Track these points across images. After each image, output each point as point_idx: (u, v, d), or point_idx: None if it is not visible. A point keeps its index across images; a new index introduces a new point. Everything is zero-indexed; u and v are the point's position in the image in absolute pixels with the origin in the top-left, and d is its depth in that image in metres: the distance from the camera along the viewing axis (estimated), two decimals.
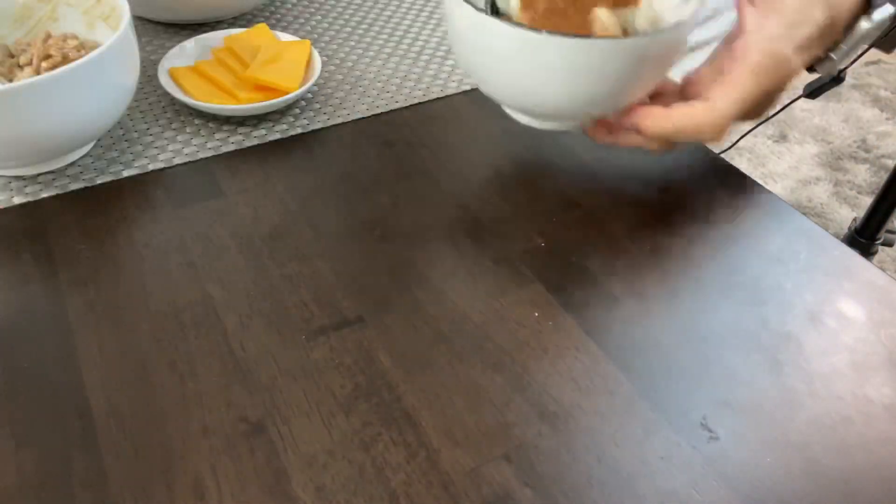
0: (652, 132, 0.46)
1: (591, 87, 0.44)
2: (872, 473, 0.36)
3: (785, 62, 0.45)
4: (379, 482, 0.35)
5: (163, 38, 0.68)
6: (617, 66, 0.43)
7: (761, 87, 0.45)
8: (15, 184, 0.51)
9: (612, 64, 0.43)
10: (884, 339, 0.42)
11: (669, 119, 0.45)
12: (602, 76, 0.43)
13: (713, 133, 0.45)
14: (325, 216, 0.49)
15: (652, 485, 0.35)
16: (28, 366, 0.39)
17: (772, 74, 0.45)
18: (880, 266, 0.48)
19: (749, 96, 0.44)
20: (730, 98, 0.44)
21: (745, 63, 0.44)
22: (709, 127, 0.45)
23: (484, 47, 0.45)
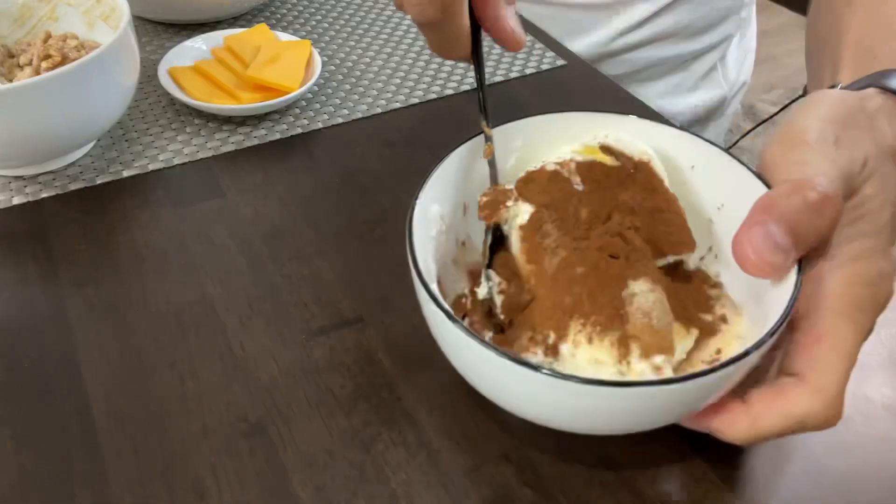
0: (739, 440, 0.33)
1: (608, 425, 0.33)
2: (872, 473, 0.36)
3: (886, 280, 0.33)
4: (379, 482, 0.35)
5: (163, 38, 0.68)
6: (647, 409, 0.31)
7: (865, 329, 0.32)
8: (15, 184, 0.51)
9: (640, 408, 0.31)
10: (884, 339, 0.42)
11: (758, 422, 0.32)
12: (625, 416, 0.32)
13: (826, 422, 0.31)
14: (325, 216, 0.49)
15: (652, 485, 0.35)
16: (28, 366, 0.39)
17: (874, 304, 0.32)
18: None
19: (855, 348, 0.32)
20: (834, 367, 0.31)
21: (834, 308, 0.32)
22: (820, 418, 0.31)
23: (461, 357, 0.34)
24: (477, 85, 0.40)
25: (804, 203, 0.31)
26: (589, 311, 0.33)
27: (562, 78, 0.64)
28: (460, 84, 0.62)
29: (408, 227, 0.34)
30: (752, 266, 0.31)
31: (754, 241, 0.31)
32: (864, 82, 0.40)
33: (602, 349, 0.32)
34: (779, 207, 0.31)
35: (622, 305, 0.33)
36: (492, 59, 0.66)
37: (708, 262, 0.39)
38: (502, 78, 0.63)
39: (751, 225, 0.31)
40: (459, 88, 0.62)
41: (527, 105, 0.60)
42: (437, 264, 0.37)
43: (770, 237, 0.31)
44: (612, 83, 0.64)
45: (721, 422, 0.33)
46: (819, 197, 0.31)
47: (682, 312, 0.36)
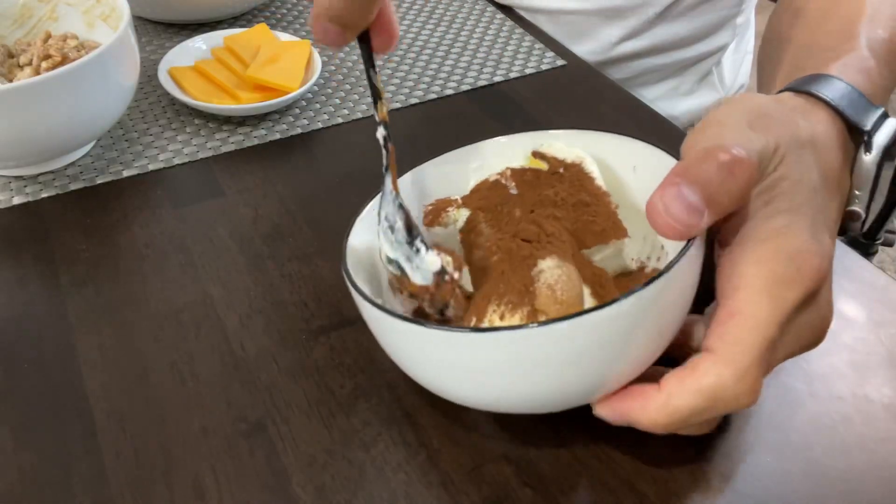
0: (655, 424, 0.32)
1: (534, 384, 0.32)
2: (872, 473, 0.36)
3: (811, 255, 0.32)
4: (379, 482, 0.35)
5: (163, 38, 0.68)
6: (560, 355, 0.30)
7: (788, 303, 0.31)
8: (15, 184, 0.51)
9: (552, 353, 0.30)
10: (884, 339, 0.42)
11: (672, 401, 0.31)
12: (544, 369, 0.31)
13: (738, 398, 0.30)
14: (325, 216, 0.49)
15: (652, 485, 0.35)
16: (28, 366, 0.39)
17: (797, 278, 0.31)
18: (880, 266, 0.48)
19: (771, 321, 0.31)
20: (744, 339, 0.30)
21: (750, 285, 0.31)
22: (731, 392, 0.30)
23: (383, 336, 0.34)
24: (363, 60, 0.41)
25: (717, 164, 0.31)
26: (503, 292, 0.34)
27: (562, 78, 0.64)
28: (460, 84, 0.62)
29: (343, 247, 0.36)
30: (664, 225, 0.31)
31: (666, 201, 0.31)
32: (785, 89, 0.41)
33: (512, 324, 0.33)
34: (692, 170, 0.31)
35: (531, 283, 0.34)
36: (491, 58, 0.66)
37: (663, 260, 0.39)
38: (502, 78, 0.63)
39: (664, 187, 0.31)
40: (459, 88, 0.62)
41: (527, 105, 0.60)
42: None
43: (682, 197, 0.31)
44: (611, 83, 0.64)
45: (635, 404, 0.32)
46: (731, 158, 0.31)
47: (603, 293, 0.36)
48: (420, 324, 0.31)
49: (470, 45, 0.68)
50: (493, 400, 0.33)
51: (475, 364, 0.31)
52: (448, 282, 0.36)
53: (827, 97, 0.39)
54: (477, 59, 0.66)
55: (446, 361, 0.32)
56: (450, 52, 0.67)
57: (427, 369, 0.34)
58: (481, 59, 0.66)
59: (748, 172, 0.32)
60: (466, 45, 0.68)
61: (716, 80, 0.84)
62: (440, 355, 0.32)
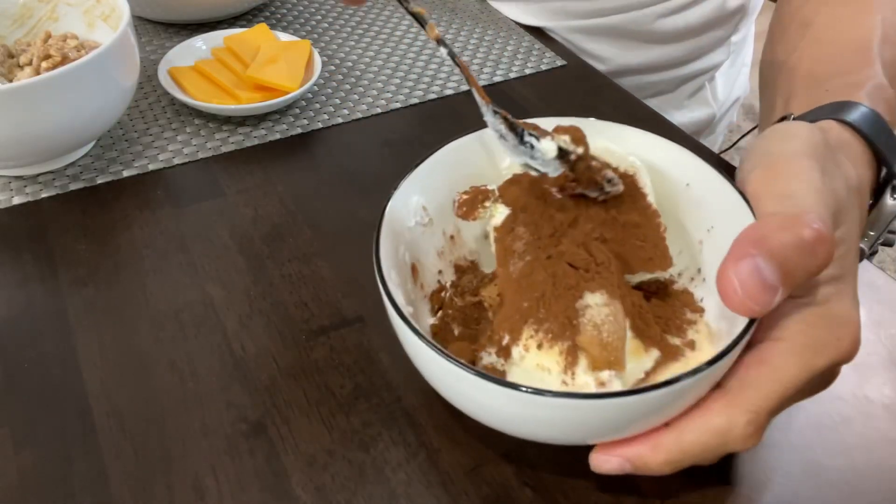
0: (663, 463, 0.31)
1: (555, 434, 0.32)
2: (872, 473, 0.36)
3: (852, 326, 0.32)
4: (379, 482, 0.35)
5: (163, 38, 0.68)
6: (595, 422, 0.31)
7: (813, 372, 0.31)
8: (15, 184, 0.51)
9: (607, 417, 0.30)
10: (884, 339, 0.42)
11: (683, 437, 0.31)
12: (577, 428, 0.31)
13: (745, 440, 0.30)
14: (325, 216, 0.49)
15: (653, 485, 0.35)
16: (28, 366, 0.39)
17: (834, 350, 0.31)
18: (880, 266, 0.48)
19: (794, 385, 0.31)
20: (765, 388, 0.30)
21: (788, 341, 0.31)
22: (740, 434, 0.30)
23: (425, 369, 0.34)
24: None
25: (798, 240, 0.29)
26: (543, 318, 0.33)
27: (562, 78, 0.64)
28: (460, 84, 0.62)
29: (381, 215, 0.35)
30: (736, 302, 0.29)
31: (741, 275, 0.29)
32: (818, 114, 0.39)
33: (550, 356, 0.32)
34: (770, 242, 0.29)
35: (575, 316, 0.32)
36: (491, 59, 0.66)
37: (696, 284, 0.38)
38: (502, 78, 0.63)
39: (739, 258, 0.29)
40: (459, 88, 0.62)
41: (526, 105, 0.60)
42: (412, 252, 0.38)
43: (758, 272, 0.29)
44: (611, 83, 0.64)
45: (643, 447, 0.31)
46: (814, 235, 0.29)
47: (646, 331, 0.35)
48: (449, 358, 0.30)
49: (470, 45, 0.68)
50: (523, 435, 0.33)
51: (522, 413, 0.30)
52: (578, 158, 0.34)
53: (869, 135, 0.38)
54: (477, 59, 0.66)
55: (496, 408, 0.31)
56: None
57: (471, 408, 0.33)
58: (481, 59, 0.66)
59: (829, 252, 0.30)
60: (466, 45, 0.68)
61: (708, 95, 0.83)
62: (497, 404, 0.31)
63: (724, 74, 0.84)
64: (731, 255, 0.29)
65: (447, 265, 0.40)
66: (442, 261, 0.40)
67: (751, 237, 0.30)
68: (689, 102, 0.82)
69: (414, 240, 0.38)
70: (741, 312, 0.30)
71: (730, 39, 0.80)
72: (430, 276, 0.39)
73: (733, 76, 0.86)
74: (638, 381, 0.34)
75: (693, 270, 0.39)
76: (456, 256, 0.41)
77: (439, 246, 0.40)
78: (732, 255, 0.29)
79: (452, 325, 0.38)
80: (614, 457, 0.32)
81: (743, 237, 0.30)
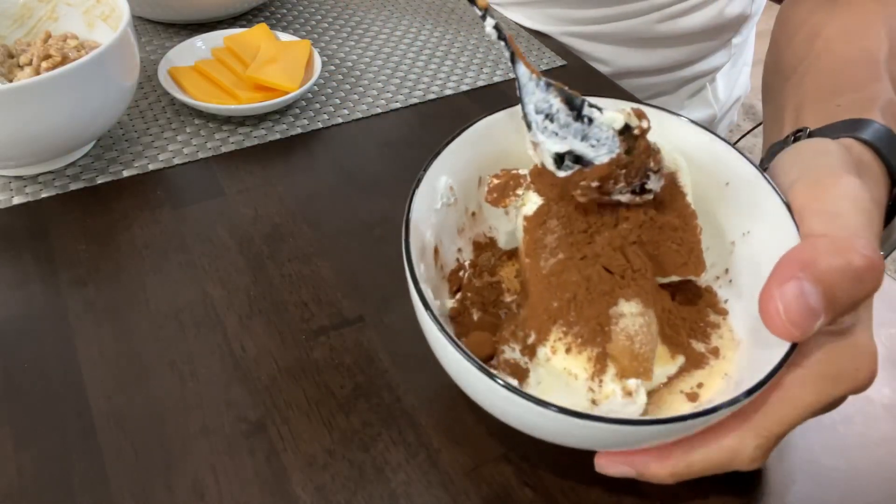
0: (669, 472, 0.32)
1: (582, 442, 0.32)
2: (872, 473, 0.36)
3: (870, 357, 0.31)
4: (379, 482, 0.35)
5: (163, 38, 0.68)
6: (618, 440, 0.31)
7: (828, 401, 0.31)
8: (15, 184, 0.51)
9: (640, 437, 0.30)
10: (884, 339, 0.42)
11: (692, 451, 0.31)
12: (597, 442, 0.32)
13: (751, 462, 0.31)
14: (325, 216, 0.49)
15: (653, 486, 0.35)
16: (28, 366, 0.39)
17: (849, 381, 0.31)
18: None
19: (807, 413, 0.31)
20: (778, 415, 0.30)
21: (808, 368, 0.31)
22: (748, 456, 0.31)
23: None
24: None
25: (848, 267, 0.28)
26: (573, 321, 0.32)
27: (562, 78, 0.64)
28: (460, 84, 0.62)
29: (409, 199, 0.34)
30: (777, 324, 0.28)
31: (786, 299, 0.28)
32: (834, 130, 0.39)
33: (578, 362, 0.32)
34: (819, 266, 0.28)
35: (607, 322, 0.32)
36: (491, 58, 0.66)
37: (722, 283, 0.38)
38: (501, 78, 0.63)
39: (784, 279, 0.28)
40: (459, 88, 0.62)
41: None
42: (437, 234, 0.37)
43: (804, 297, 0.28)
44: (611, 82, 0.64)
45: (649, 456, 0.31)
46: (865, 263, 0.28)
47: (673, 336, 0.35)
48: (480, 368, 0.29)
49: (470, 45, 0.68)
50: (535, 435, 0.33)
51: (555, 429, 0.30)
52: (639, 134, 0.32)
53: (885, 153, 0.38)
54: (477, 58, 0.66)
55: (519, 416, 0.31)
56: (449, 52, 0.67)
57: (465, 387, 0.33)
58: (481, 58, 0.66)
59: (878, 280, 0.29)
60: (466, 45, 0.68)
61: (709, 95, 0.83)
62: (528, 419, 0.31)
63: (725, 75, 0.84)
64: (777, 275, 0.29)
65: (466, 242, 0.40)
66: (462, 238, 0.40)
67: (799, 259, 0.29)
68: (689, 103, 0.82)
69: (439, 222, 0.37)
70: (781, 335, 0.29)
71: (731, 41, 0.80)
72: (450, 256, 0.39)
73: (734, 76, 0.86)
74: (661, 386, 0.34)
75: (720, 269, 0.38)
76: (475, 233, 0.40)
77: (461, 223, 0.40)
78: (778, 276, 0.28)
79: (472, 310, 0.37)
80: (620, 463, 0.32)
81: (790, 258, 0.29)
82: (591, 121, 0.33)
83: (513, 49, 0.36)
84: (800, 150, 0.36)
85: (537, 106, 0.34)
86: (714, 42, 0.77)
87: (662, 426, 0.29)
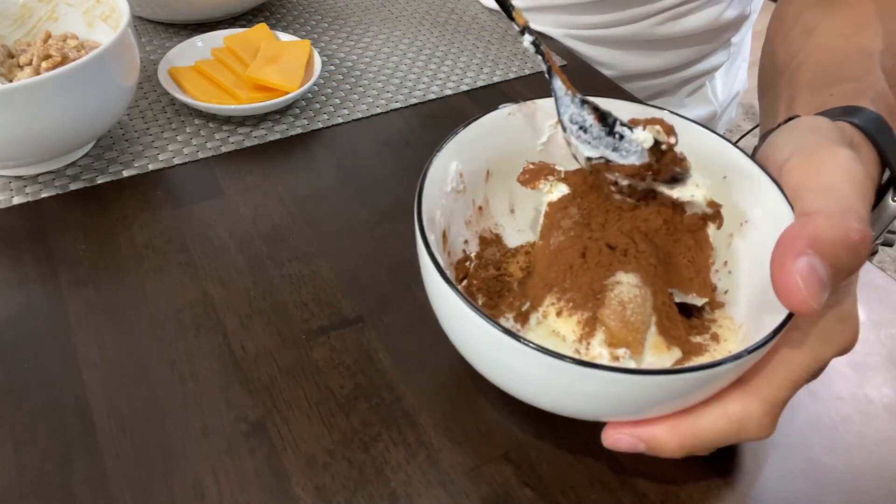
0: (677, 446, 0.32)
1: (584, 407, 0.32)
2: (872, 473, 0.36)
3: (855, 320, 0.33)
4: (379, 482, 0.35)
5: (163, 38, 0.68)
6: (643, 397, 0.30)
7: (821, 362, 0.32)
8: (15, 184, 0.51)
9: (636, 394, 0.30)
10: (884, 339, 0.42)
11: (699, 422, 0.31)
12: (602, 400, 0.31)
13: (760, 430, 0.32)
14: (325, 216, 0.49)
15: (652, 485, 0.35)
16: (28, 366, 0.39)
17: (839, 342, 0.33)
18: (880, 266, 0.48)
19: (804, 376, 0.32)
20: (781, 381, 0.31)
21: (801, 331, 0.32)
22: (755, 424, 0.31)
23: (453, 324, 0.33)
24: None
25: (846, 241, 0.29)
26: (567, 288, 0.33)
27: None
28: (460, 84, 0.62)
29: (422, 175, 0.35)
30: (798, 298, 0.29)
31: (803, 274, 0.29)
32: (828, 116, 0.40)
33: (568, 325, 0.32)
34: (823, 242, 0.29)
35: (601, 290, 0.32)
36: (491, 59, 0.66)
37: (721, 276, 0.38)
38: (501, 78, 0.63)
39: (797, 255, 0.29)
40: (459, 88, 0.62)
41: None
42: (446, 219, 0.38)
43: (815, 271, 0.29)
44: (611, 82, 0.64)
45: (658, 428, 0.32)
46: (860, 237, 0.29)
47: (671, 330, 0.35)
48: (476, 310, 0.29)
49: (470, 45, 0.68)
50: (543, 404, 0.33)
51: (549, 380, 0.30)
52: (667, 149, 0.34)
53: (876, 138, 0.38)
54: (476, 58, 0.66)
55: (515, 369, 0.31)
56: (449, 52, 0.67)
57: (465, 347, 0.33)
58: (481, 58, 0.66)
59: (868, 251, 0.30)
60: (466, 45, 0.68)
61: (709, 93, 0.83)
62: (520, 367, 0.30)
63: (724, 72, 0.84)
64: (788, 252, 0.29)
65: (473, 235, 0.41)
66: (469, 230, 0.40)
67: (803, 236, 0.30)
68: (689, 101, 0.83)
69: (448, 205, 0.38)
70: (798, 309, 0.29)
71: (731, 41, 0.80)
72: (457, 245, 0.39)
73: (733, 73, 0.86)
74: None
75: (719, 262, 0.38)
76: (482, 227, 0.41)
77: (468, 215, 0.40)
78: (790, 253, 0.29)
79: (477, 295, 0.38)
80: (627, 435, 0.32)
81: (795, 235, 0.30)
82: (623, 137, 0.34)
83: (550, 64, 0.37)
84: (793, 128, 0.37)
85: (572, 118, 0.36)
86: (714, 43, 0.78)
87: (668, 377, 0.29)
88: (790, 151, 0.35)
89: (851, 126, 0.39)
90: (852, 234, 0.29)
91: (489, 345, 0.30)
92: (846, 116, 0.39)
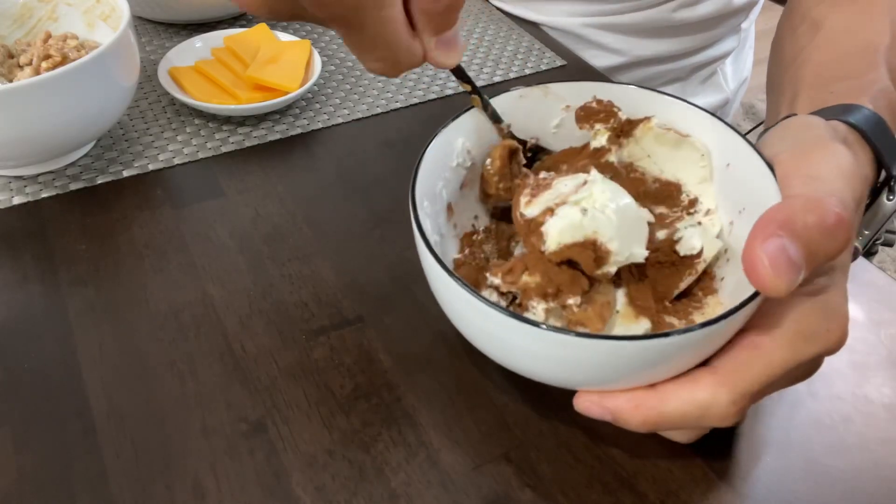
0: (641, 421, 0.32)
1: (560, 373, 0.33)
2: (872, 473, 0.36)
3: (842, 318, 0.33)
4: (379, 482, 0.35)
5: (163, 38, 0.68)
6: (595, 359, 0.31)
7: (803, 360, 0.32)
8: (15, 184, 0.51)
9: (587, 357, 0.31)
10: (884, 339, 0.42)
11: (665, 402, 0.32)
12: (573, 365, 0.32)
13: (726, 417, 0.31)
14: (325, 216, 0.49)
15: (652, 485, 0.35)
16: (28, 366, 0.39)
17: (823, 341, 0.32)
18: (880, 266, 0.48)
19: (781, 372, 0.31)
20: (753, 371, 0.31)
21: (783, 328, 0.32)
22: (722, 410, 0.31)
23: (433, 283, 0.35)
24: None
25: (822, 223, 0.29)
26: (555, 283, 0.34)
27: (562, 77, 0.64)
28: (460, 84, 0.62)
29: (425, 148, 0.37)
30: (765, 279, 0.29)
31: (771, 254, 0.29)
32: (823, 115, 0.40)
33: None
34: (796, 223, 0.29)
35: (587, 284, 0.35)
36: (491, 58, 0.66)
37: (721, 263, 0.38)
38: (501, 78, 0.63)
39: (766, 236, 0.29)
40: (459, 88, 0.62)
41: None
42: (450, 192, 0.39)
43: (785, 251, 0.29)
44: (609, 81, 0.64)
45: (625, 403, 0.32)
46: (836, 220, 0.30)
47: (641, 301, 0.36)
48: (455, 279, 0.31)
49: (470, 45, 0.68)
50: (520, 370, 0.34)
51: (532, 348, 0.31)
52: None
53: (871, 137, 0.39)
54: (477, 58, 0.66)
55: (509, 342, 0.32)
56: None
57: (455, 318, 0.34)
58: (481, 58, 0.66)
59: (848, 237, 0.30)
60: (466, 46, 0.68)
61: (721, 79, 0.84)
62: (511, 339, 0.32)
63: (733, 59, 0.85)
64: (758, 234, 0.30)
65: (483, 212, 0.42)
66: (480, 205, 0.42)
67: (776, 218, 0.30)
68: (702, 88, 0.83)
69: (453, 179, 0.39)
70: (767, 289, 0.29)
71: (741, 26, 0.81)
72: (466, 219, 0.41)
73: (742, 60, 0.87)
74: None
75: (717, 251, 0.39)
76: (492, 205, 0.42)
77: (477, 192, 0.41)
78: (760, 234, 0.29)
79: (473, 264, 0.39)
80: (596, 405, 0.33)
81: (768, 218, 0.30)
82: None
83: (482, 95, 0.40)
84: (787, 126, 0.38)
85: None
86: (725, 27, 0.78)
87: (608, 342, 0.30)
88: (784, 146, 0.36)
89: (845, 125, 0.39)
90: (828, 217, 0.30)
91: (450, 299, 0.33)
92: (842, 115, 0.39)
